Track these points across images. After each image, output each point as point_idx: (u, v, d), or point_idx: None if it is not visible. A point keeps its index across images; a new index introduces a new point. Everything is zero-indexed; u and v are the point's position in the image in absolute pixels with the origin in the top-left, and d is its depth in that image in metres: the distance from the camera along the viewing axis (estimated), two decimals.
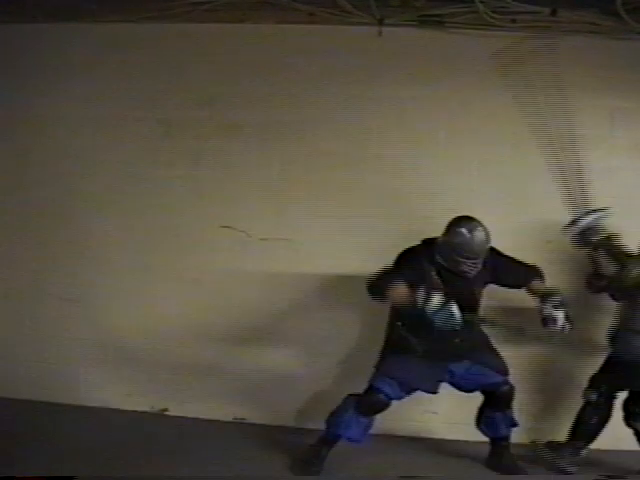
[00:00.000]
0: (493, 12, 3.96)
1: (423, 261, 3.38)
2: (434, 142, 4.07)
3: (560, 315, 3.34)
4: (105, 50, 4.26)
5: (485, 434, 3.71)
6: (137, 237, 4.22)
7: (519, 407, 3.67)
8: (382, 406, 3.48)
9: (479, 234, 3.32)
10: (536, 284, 3.56)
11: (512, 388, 3.57)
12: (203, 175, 4.19)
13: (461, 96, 4.05)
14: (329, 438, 3.56)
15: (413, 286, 3.25)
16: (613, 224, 3.88)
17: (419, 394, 3.54)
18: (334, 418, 3.53)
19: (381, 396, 3.45)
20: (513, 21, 3.99)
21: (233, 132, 4.15)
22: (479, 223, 3.35)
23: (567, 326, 3.36)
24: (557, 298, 3.38)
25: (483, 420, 3.67)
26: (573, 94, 3.93)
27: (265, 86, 4.15)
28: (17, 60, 4.33)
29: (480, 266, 3.37)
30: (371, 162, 4.08)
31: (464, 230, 3.32)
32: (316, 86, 4.13)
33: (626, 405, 3.58)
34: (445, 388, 3.57)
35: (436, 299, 3.21)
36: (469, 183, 4.04)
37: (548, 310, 3.35)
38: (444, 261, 3.37)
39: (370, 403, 3.47)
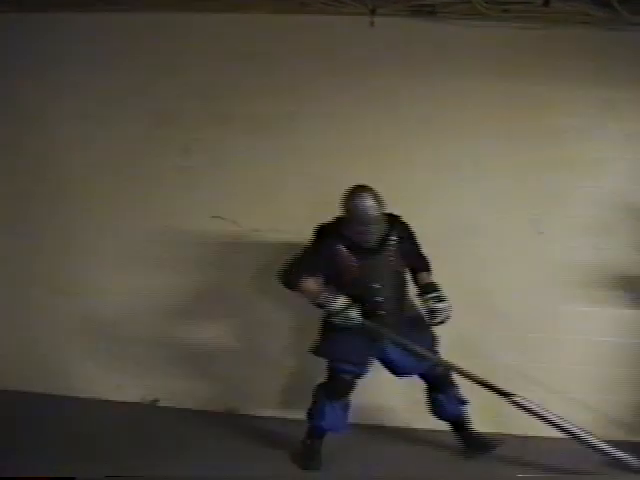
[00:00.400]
0: (486, 2, 3.93)
1: (334, 238, 3.45)
2: (427, 132, 4.05)
3: (442, 306, 3.45)
4: (95, 40, 4.22)
5: (439, 419, 3.72)
6: (127, 228, 4.20)
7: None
8: (347, 384, 3.51)
9: (365, 201, 3.38)
10: (428, 275, 3.63)
11: (451, 367, 3.56)
12: (194, 166, 4.17)
13: (454, 86, 4.02)
14: (314, 431, 3.59)
15: (327, 267, 3.43)
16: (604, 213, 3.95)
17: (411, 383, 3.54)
18: (311, 411, 3.57)
19: (343, 375, 3.49)
20: (506, 11, 3.96)
21: (224, 123, 4.12)
22: (368, 190, 3.41)
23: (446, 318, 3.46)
24: (441, 293, 3.48)
25: (432, 406, 3.70)
26: (566, 85, 3.97)
27: (256, 76, 4.13)
28: (3, 50, 4.30)
29: (377, 235, 3.43)
30: (364, 153, 4.06)
31: (352, 199, 3.40)
32: (308, 76, 4.11)
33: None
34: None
35: (339, 301, 3.37)
36: (462, 175, 4.02)
37: (432, 302, 3.45)
38: (349, 234, 3.43)
39: (335, 386, 3.52)
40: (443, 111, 4.05)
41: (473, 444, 3.69)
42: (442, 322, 3.47)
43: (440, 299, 3.46)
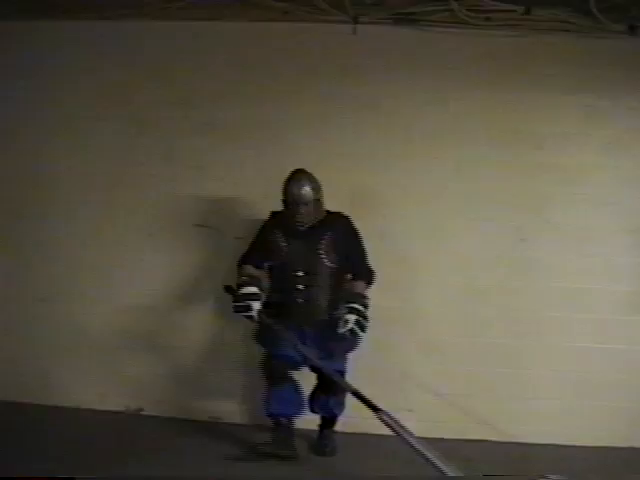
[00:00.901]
0: (467, 10, 3.97)
1: (273, 223, 3.65)
2: (409, 139, 4.07)
3: (351, 319, 3.43)
4: (78, 47, 4.22)
5: (314, 412, 3.79)
6: (110, 237, 4.19)
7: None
8: (283, 368, 3.56)
9: (298, 183, 3.54)
10: (364, 286, 3.62)
11: (344, 374, 3.62)
12: (176, 173, 4.17)
13: (436, 93, 4.06)
14: (272, 421, 3.68)
15: (264, 250, 3.60)
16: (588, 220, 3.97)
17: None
18: (264, 403, 3.65)
19: (277, 361, 3.54)
20: (487, 19, 4.00)
21: (207, 130, 4.13)
22: (303, 173, 3.58)
23: (356, 333, 3.46)
24: (361, 307, 3.47)
25: (315, 400, 3.75)
26: (547, 92, 3.99)
27: (239, 84, 4.14)
28: None
29: (309, 214, 3.55)
30: (345, 159, 4.07)
31: (288, 181, 3.57)
32: (290, 83, 4.12)
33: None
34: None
35: (246, 290, 3.43)
36: (444, 181, 4.04)
37: (344, 311, 3.46)
38: (285, 217, 3.60)
39: (271, 372, 3.57)
40: (425, 118, 4.08)
41: (326, 445, 3.76)
42: (346, 335, 3.46)
43: (357, 311, 3.45)
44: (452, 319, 4.00)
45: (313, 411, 3.79)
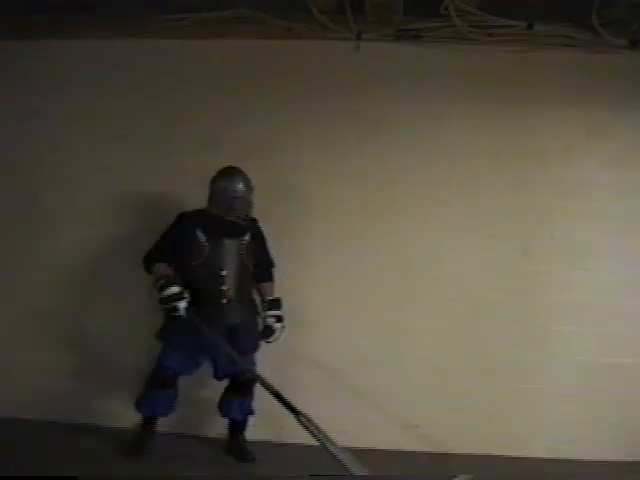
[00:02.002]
0: (470, 26, 3.99)
1: (192, 222, 3.62)
2: (412, 155, 4.08)
3: (279, 327, 3.69)
4: (83, 66, 4.22)
5: (223, 416, 3.85)
6: (117, 253, 4.16)
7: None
8: (169, 378, 3.65)
9: (237, 177, 3.65)
10: (271, 286, 3.80)
11: (255, 376, 3.65)
12: (184, 190, 4.17)
13: (439, 109, 4.07)
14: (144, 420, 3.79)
15: (181, 250, 3.58)
16: (591, 235, 3.99)
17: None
18: (137, 399, 3.74)
19: (166, 371, 3.62)
20: (490, 35, 4.02)
21: (212, 147, 4.12)
22: (238, 170, 3.68)
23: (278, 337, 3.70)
24: (280, 311, 3.69)
25: (224, 403, 3.81)
26: (550, 107, 4.01)
27: (243, 101, 4.14)
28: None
29: (249, 209, 3.67)
30: (349, 176, 4.09)
31: (224, 175, 3.65)
32: (294, 101, 4.12)
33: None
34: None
35: (170, 290, 3.44)
36: (447, 196, 4.06)
37: (271, 320, 3.68)
38: (218, 212, 3.62)
39: (158, 378, 3.65)
40: (427, 134, 4.09)
41: (237, 451, 3.82)
42: (273, 341, 3.67)
43: (279, 319, 3.68)
44: (455, 334, 4.00)
45: (224, 415, 3.84)
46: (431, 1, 3.88)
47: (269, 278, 3.83)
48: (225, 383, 3.83)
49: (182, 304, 3.44)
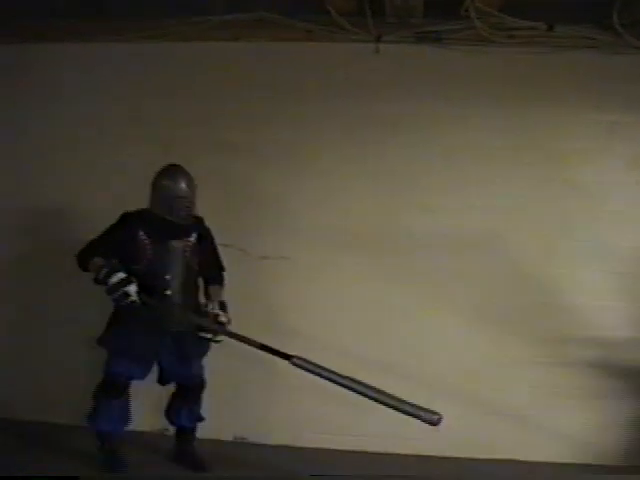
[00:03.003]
0: (490, 28, 3.96)
1: (135, 223, 3.49)
2: (431, 158, 4.07)
3: (222, 329, 3.49)
4: (101, 69, 4.23)
5: (171, 423, 3.79)
6: None
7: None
8: (121, 386, 3.53)
9: (181, 176, 3.53)
10: (220, 289, 3.67)
11: (203, 382, 3.66)
12: (201, 193, 4.15)
13: (459, 111, 4.04)
14: (99, 437, 3.63)
15: (122, 251, 3.44)
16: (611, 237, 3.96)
17: None
18: (90, 414, 3.58)
19: (116, 378, 3.50)
20: (510, 37, 3.99)
21: (230, 150, 4.12)
22: (182, 168, 3.57)
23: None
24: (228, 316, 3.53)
25: (171, 410, 3.75)
26: (570, 109, 3.99)
27: (262, 104, 4.14)
28: (11, 80, 4.28)
29: (192, 209, 3.55)
30: (369, 179, 4.09)
31: (167, 174, 3.54)
32: (313, 103, 4.12)
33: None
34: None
35: (117, 277, 3.28)
36: (467, 199, 4.04)
37: (223, 318, 3.50)
38: (161, 212, 3.50)
39: (110, 387, 3.52)
40: (447, 136, 4.08)
41: (187, 459, 3.74)
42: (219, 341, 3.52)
43: (220, 322, 3.49)
44: (478, 337, 3.99)
45: (172, 422, 3.78)
46: (451, 3, 3.86)
47: (219, 282, 3.69)
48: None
49: (132, 287, 3.29)
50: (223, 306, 3.58)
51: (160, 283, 3.46)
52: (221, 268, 3.75)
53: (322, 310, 4.07)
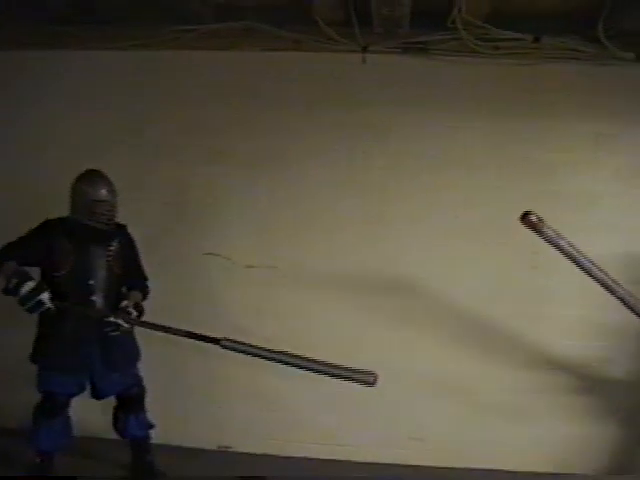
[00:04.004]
0: (476, 39, 3.99)
1: (56, 230, 3.42)
2: (418, 168, 4.08)
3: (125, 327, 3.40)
4: (92, 77, 4.26)
5: (122, 437, 3.72)
6: None
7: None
8: (60, 404, 3.44)
9: (101, 181, 3.48)
10: (139, 295, 3.59)
11: (143, 389, 3.62)
12: (190, 202, 4.20)
13: (445, 121, 4.07)
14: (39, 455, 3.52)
15: (43, 258, 3.35)
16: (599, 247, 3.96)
17: None
18: (30, 434, 3.48)
19: (55, 398, 3.42)
20: (496, 48, 4.02)
21: (219, 159, 4.14)
22: (101, 173, 3.52)
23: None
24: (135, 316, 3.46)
25: (118, 423, 3.68)
26: (557, 120, 4.00)
27: (251, 113, 4.16)
28: (7, 87, 4.31)
29: (113, 214, 3.48)
30: (356, 189, 4.11)
31: (86, 176, 3.49)
32: (301, 113, 4.14)
33: None
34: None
35: (28, 286, 3.19)
36: (454, 210, 4.05)
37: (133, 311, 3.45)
38: (81, 217, 3.43)
39: (49, 407, 3.44)
40: (434, 146, 4.09)
41: (145, 469, 3.70)
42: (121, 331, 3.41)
43: (130, 320, 3.41)
44: (465, 345, 3.98)
45: (123, 436, 3.70)
46: (438, 14, 3.88)
47: (141, 289, 3.63)
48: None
49: (45, 295, 3.21)
50: (138, 306, 3.52)
51: (84, 289, 3.41)
52: (144, 278, 3.69)
53: (305, 318, 4.06)
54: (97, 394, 3.57)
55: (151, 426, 3.73)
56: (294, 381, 3.96)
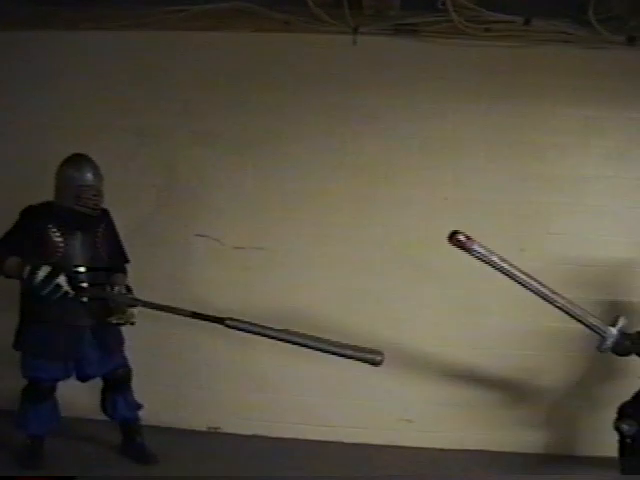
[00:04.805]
0: (467, 21, 3.97)
1: (42, 217, 3.40)
2: (408, 150, 4.07)
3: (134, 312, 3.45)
4: (79, 58, 4.21)
5: (111, 418, 3.73)
6: None
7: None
8: (46, 390, 3.47)
9: (88, 165, 3.46)
10: (124, 277, 3.61)
11: (129, 370, 3.64)
12: (178, 183, 4.18)
13: (436, 104, 4.06)
14: (25, 435, 3.55)
15: (31, 246, 3.33)
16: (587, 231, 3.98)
17: None
18: (18, 418, 3.52)
19: (41, 384, 3.44)
20: (487, 30, 4.00)
21: (208, 140, 4.13)
22: (87, 157, 3.49)
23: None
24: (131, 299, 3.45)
25: (107, 405, 3.69)
26: (547, 103, 4.00)
27: (240, 94, 4.14)
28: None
29: (100, 199, 3.47)
30: (346, 170, 4.09)
31: (71, 161, 3.45)
32: (291, 94, 4.12)
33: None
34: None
35: (43, 271, 3.20)
36: (443, 192, 4.05)
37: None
38: (67, 203, 3.40)
39: (35, 392, 3.46)
40: (424, 128, 4.08)
41: (135, 451, 3.71)
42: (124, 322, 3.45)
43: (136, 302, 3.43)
44: (453, 329, 4.01)
45: (112, 417, 3.71)
46: None
47: (123, 270, 3.64)
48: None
49: (62, 278, 3.23)
50: (129, 290, 3.53)
51: (73, 276, 3.36)
52: (125, 260, 3.69)
53: (296, 299, 4.06)
54: (83, 376, 3.58)
55: (139, 407, 3.74)
56: (283, 362, 4.03)
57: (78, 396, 3.86)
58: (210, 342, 4.05)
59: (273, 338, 3.25)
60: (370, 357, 3.18)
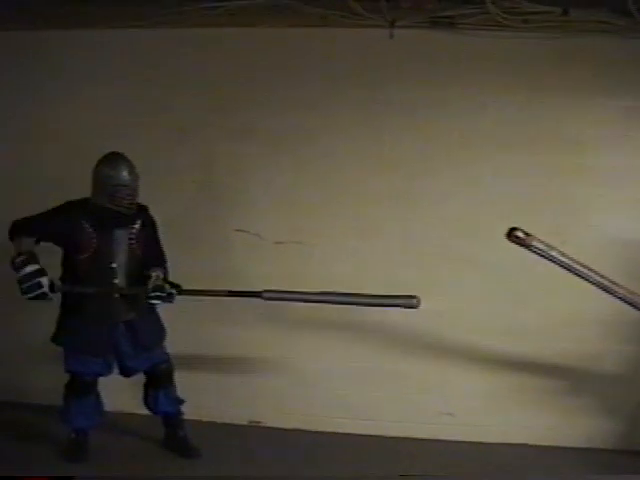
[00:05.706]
0: (504, 13, 3.93)
1: (79, 214, 3.43)
2: (446, 145, 4.06)
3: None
4: (119, 56, 4.25)
5: (153, 413, 3.77)
6: None
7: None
8: (89, 384, 3.54)
9: (125, 164, 3.46)
10: (161, 272, 3.58)
11: (171, 366, 3.66)
12: (217, 179, 4.20)
13: (474, 98, 4.04)
14: (70, 429, 3.64)
15: (64, 240, 3.40)
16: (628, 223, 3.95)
17: None
18: (62, 412, 3.60)
19: (83, 378, 3.51)
20: (525, 21, 3.96)
21: (246, 136, 4.14)
22: (123, 156, 3.49)
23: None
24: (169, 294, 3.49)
25: (149, 399, 3.73)
26: (586, 94, 3.97)
27: (278, 90, 4.15)
28: (27, 67, 4.32)
29: (135, 198, 3.47)
30: (384, 164, 4.09)
31: (108, 160, 3.46)
32: (328, 89, 4.12)
33: None
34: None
35: (29, 268, 3.23)
36: (483, 187, 4.03)
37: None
38: (102, 201, 3.42)
39: (78, 387, 3.53)
40: (462, 122, 4.06)
41: (178, 445, 3.75)
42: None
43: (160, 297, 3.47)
44: (493, 321, 3.99)
45: (155, 412, 3.76)
46: None
47: (158, 264, 3.61)
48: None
49: (45, 280, 3.25)
50: (166, 279, 3.56)
51: (107, 272, 3.45)
52: (164, 260, 3.66)
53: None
54: (125, 372, 3.64)
55: (181, 401, 3.77)
56: (324, 356, 4.04)
57: (122, 391, 3.90)
58: (251, 336, 4.07)
59: (312, 302, 3.33)
60: (405, 301, 3.24)
